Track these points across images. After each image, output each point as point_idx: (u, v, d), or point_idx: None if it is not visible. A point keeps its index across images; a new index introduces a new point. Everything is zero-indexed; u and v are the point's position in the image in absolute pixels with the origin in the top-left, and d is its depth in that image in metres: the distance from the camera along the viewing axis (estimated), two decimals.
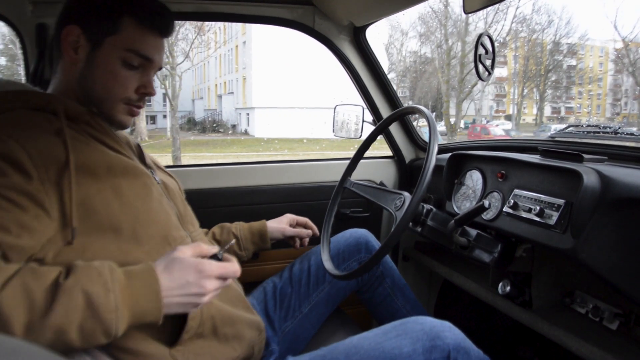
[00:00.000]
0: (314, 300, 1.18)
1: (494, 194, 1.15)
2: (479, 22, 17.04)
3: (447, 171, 1.33)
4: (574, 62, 23.82)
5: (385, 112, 1.67)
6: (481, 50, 1.11)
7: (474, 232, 1.03)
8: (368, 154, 1.29)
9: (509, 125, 21.11)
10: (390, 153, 1.76)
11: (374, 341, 0.81)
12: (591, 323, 1.02)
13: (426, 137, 1.53)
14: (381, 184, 1.69)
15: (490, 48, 1.12)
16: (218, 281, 0.72)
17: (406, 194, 1.00)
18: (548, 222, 0.94)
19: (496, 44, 1.15)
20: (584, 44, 23.70)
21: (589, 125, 1.30)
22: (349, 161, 1.24)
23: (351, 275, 0.97)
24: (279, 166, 1.62)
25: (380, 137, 1.40)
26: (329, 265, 1.06)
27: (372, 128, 1.26)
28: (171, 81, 13.06)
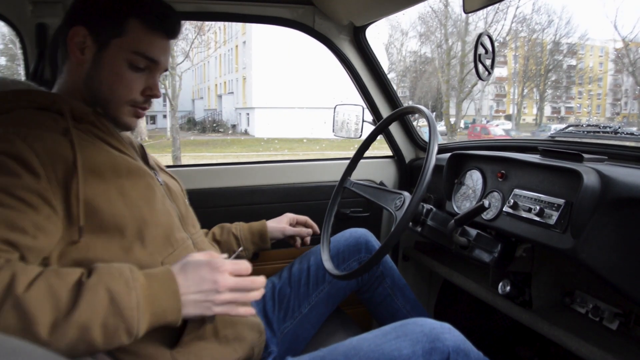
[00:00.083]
0: (313, 300, 1.18)
1: (494, 193, 1.15)
2: (479, 21, 17.06)
3: (447, 171, 1.33)
4: (574, 62, 23.80)
5: (385, 112, 1.67)
6: (481, 50, 1.11)
7: (474, 232, 1.03)
8: (368, 153, 1.29)
9: (509, 125, 21.10)
10: (390, 153, 1.76)
11: (374, 343, 0.81)
12: (591, 323, 1.02)
13: (426, 137, 1.52)
14: (381, 183, 1.69)
15: (490, 48, 1.12)
16: (231, 278, 0.72)
17: (406, 193, 1.00)
18: (548, 222, 0.94)
19: (496, 43, 1.15)
20: (584, 43, 23.69)
21: (589, 125, 1.30)
22: (348, 161, 1.24)
23: (351, 275, 0.97)
24: (279, 166, 1.62)
25: (380, 137, 1.40)
26: (329, 265, 1.06)
27: (372, 128, 1.26)
28: (171, 81, 13.04)
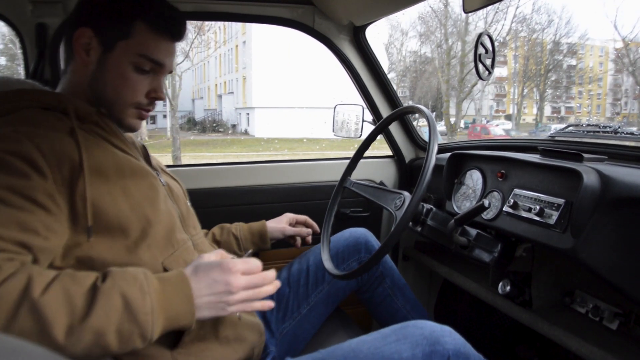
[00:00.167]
0: (312, 300, 1.18)
1: (494, 193, 1.15)
2: (479, 21, 17.06)
3: (447, 171, 1.33)
4: (574, 62, 23.78)
5: (385, 111, 1.67)
6: (481, 50, 1.11)
7: (473, 231, 1.03)
8: (368, 153, 1.28)
9: (509, 125, 21.09)
10: (390, 153, 1.76)
11: (373, 346, 0.80)
12: (591, 323, 1.02)
13: (426, 137, 1.52)
14: (381, 183, 1.69)
15: (490, 47, 1.12)
16: (244, 278, 0.72)
17: (406, 193, 1.00)
18: (548, 222, 0.94)
19: (496, 43, 1.15)
20: (584, 43, 23.66)
21: (588, 125, 1.30)
22: (348, 161, 1.24)
23: (351, 275, 0.97)
24: (279, 166, 1.62)
25: (380, 137, 1.40)
26: (329, 265, 1.06)
27: (372, 128, 1.26)
28: (171, 81, 13.03)
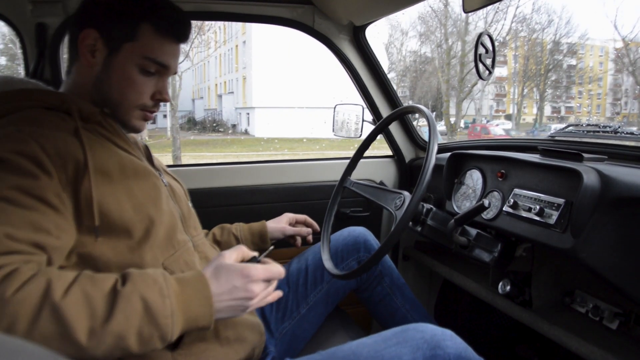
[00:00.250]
0: (312, 300, 1.18)
1: (493, 193, 1.15)
2: (479, 21, 17.05)
3: (447, 171, 1.33)
4: (574, 62, 23.75)
5: (385, 111, 1.67)
6: (481, 50, 1.11)
7: (473, 231, 1.03)
8: (368, 153, 1.28)
9: (509, 124, 21.08)
10: (390, 152, 1.76)
11: (373, 349, 0.80)
12: (591, 322, 1.02)
13: (426, 137, 1.52)
14: (381, 183, 1.69)
15: (491, 47, 1.12)
16: (264, 284, 0.73)
17: (406, 193, 1.00)
18: (548, 222, 0.94)
19: (496, 43, 1.15)
20: (584, 43, 23.64)
21: (588, 125, 1.30)
22: (348, 160, 1.24)
23: (351, 274, 0.97)
24: (279, 166, 1.62)
25: (380, 137, 1.40)
26: (329, 264, 1.06)
27: (372, 127, 1.26)
28: (171, 81, 12.98)
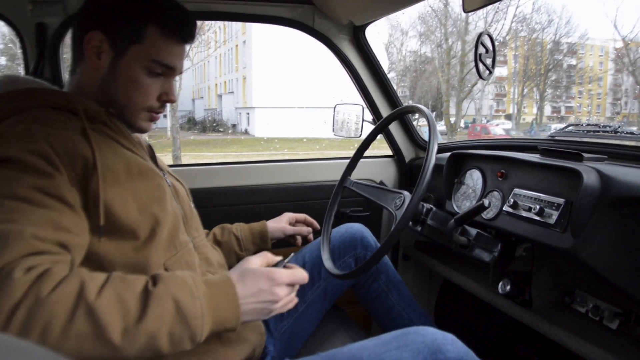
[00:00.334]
0: (309, 298, 1.18)
1: (493, 193, 1.15)
2: (479, 21, 17.06)
3: (447, 170, 1.33)
4: (574, 62, 23.76)
5: (385, 111, 1.67)
6: (481, 49, 1.11)
7: (473, 231, 1.03)
8: (368, 153, 1.28)
9: (509, 124, 21.09)
10: (390, 152, 1.76)
11: (374, 352, 0.80)
12: (591, 322, 1.02)
13: (426, 137, 1.52)
14: (381, 183, 1.69)
15: (491, 47, 1.12)
16: (288, 288, 0.75)
17: (406, 193, 1.00)
18: (548, 221, 0.94)
19: (496, 43, 1.15)
20: (584, 43, 23.65)
21: (588, 125, 1.30)
22: (348, 160, 1.24)
23: (351, 274, 0.97)
24: (279, 166, 1.62)
25: (380, 137, 1.40)
26: (329, 264, 1.06)
27: (372, 127, 1.26)
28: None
